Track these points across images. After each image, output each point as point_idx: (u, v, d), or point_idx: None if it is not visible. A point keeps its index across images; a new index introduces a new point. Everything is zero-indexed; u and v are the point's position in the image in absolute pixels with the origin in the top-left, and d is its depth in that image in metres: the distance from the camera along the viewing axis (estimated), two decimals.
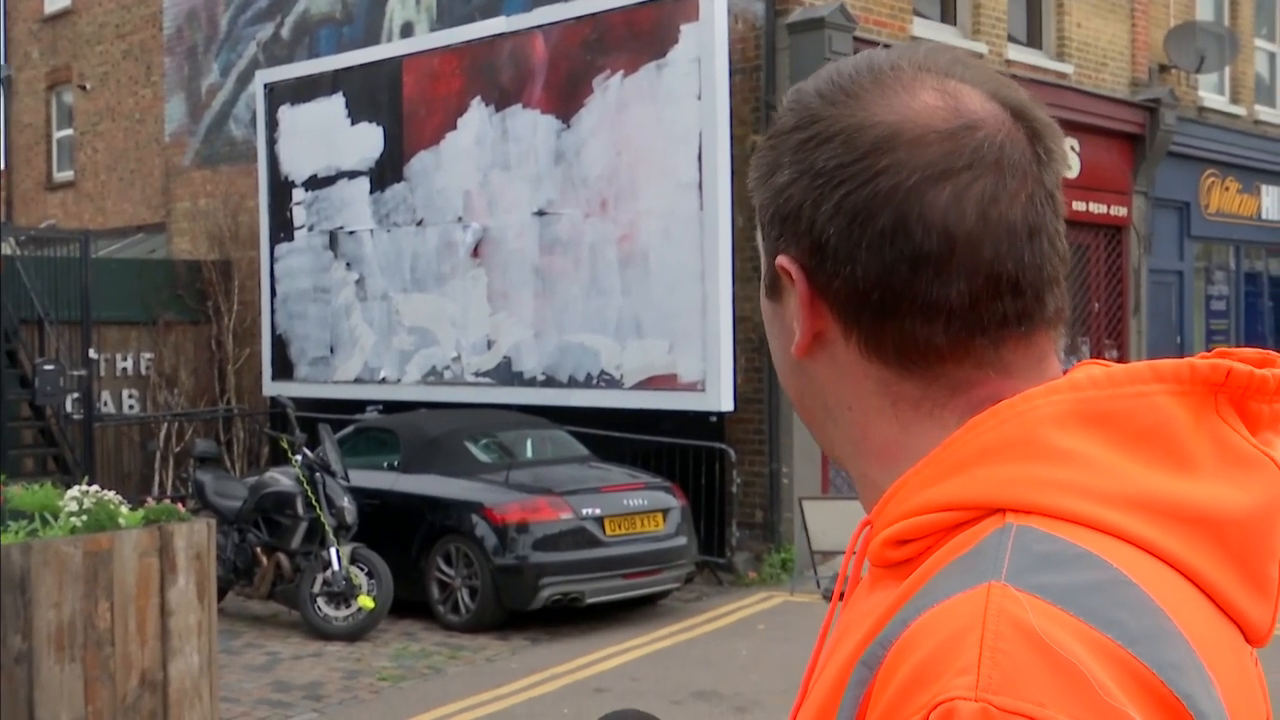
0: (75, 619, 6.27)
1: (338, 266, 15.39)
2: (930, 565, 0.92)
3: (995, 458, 0.93)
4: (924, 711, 0.81)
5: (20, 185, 24.34)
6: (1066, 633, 0.82)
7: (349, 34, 16.05)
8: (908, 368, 1.00)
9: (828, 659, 1.01)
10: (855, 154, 0.98)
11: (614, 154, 12.72)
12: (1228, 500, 0.93)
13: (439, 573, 10.39)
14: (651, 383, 12.49)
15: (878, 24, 12.81)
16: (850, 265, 0.99)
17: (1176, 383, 0.95)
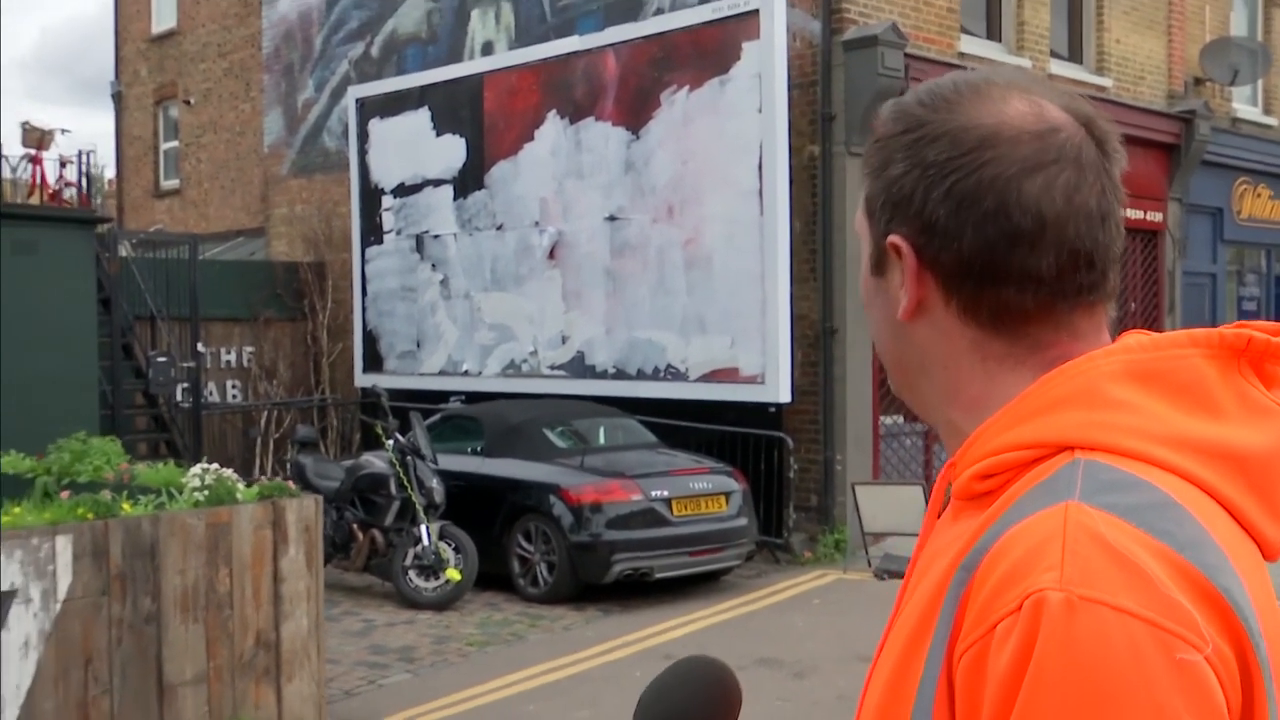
0: (198, 584, 6.44)
1: (423, 268, 15.55)
2: (1012, 493, 1.06)
3: (1065, 406, 1.08)
4: (1018, 601, 0.95)
5: (130, 193, 24.63)
6: (1130, 540, 0.97)
7: (434, 52, 16.21)
8: (998, 329, 1.16)
9: (921, 577, 1.15)
10: (962, 149, 1.13)
11: (680, 163, 12.80)
12: (1250, 441, 1.08)
13: (519, 549, 10.53)
14: (714, 376, 12.58)
15: (927, 40, 12.84)
16: (957, 241, 1.13)
17: (1208, 347, 1.11)
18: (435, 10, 16.34)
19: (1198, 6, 17.06)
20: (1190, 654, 0.93)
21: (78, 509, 6.25)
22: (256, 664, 6.69)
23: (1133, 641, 0.93)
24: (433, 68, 15.84)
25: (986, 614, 0.98)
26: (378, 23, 17.13)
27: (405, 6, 16.73)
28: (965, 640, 1.00)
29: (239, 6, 21.36)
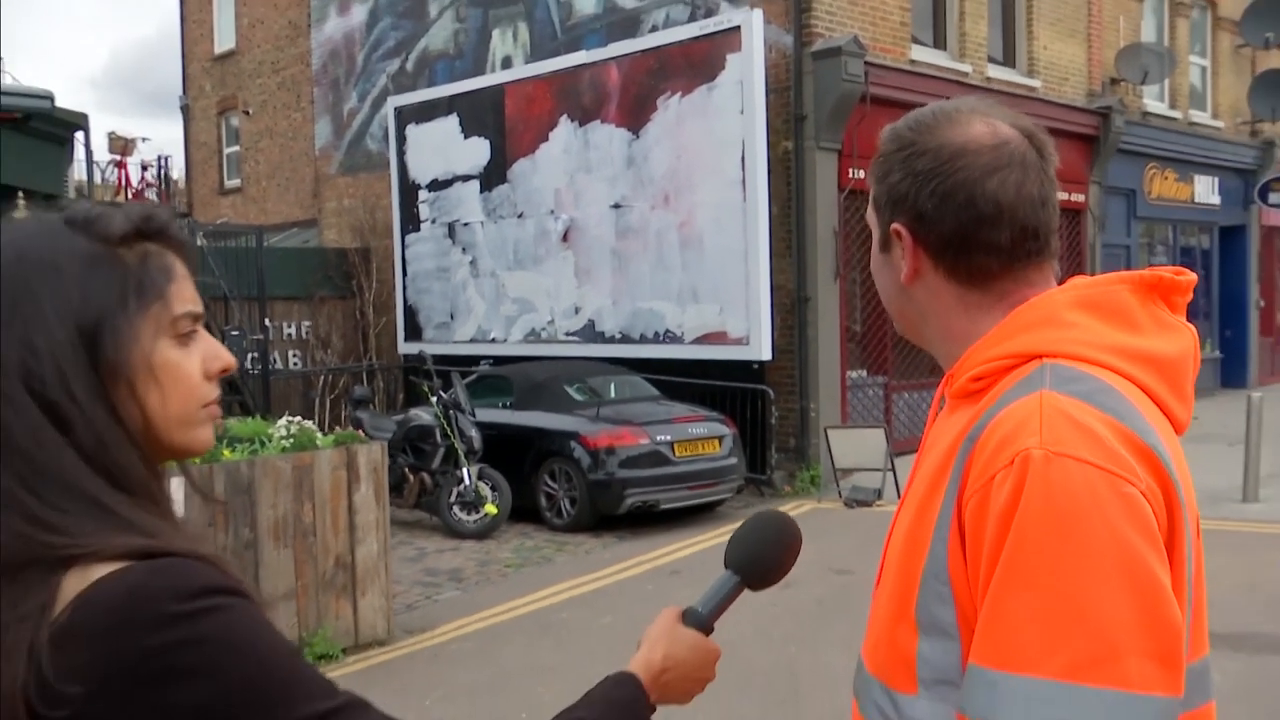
0: (287, 516, 6.70)
1: (455, 251, 15.67)
2: (998, 389, 1.31)
3: (1034, 328, 1.33)
4: (1010, 458, 1.19)
5: (198, 191, 24.62)
6: (1086, 414, 1.21)
7: (461, 66, 16.29)
8: (974, 285, 1.40)
9: (928, 454, 1.41)
10: (940, 161, 1.37)
11: (674, 158, 12.94)
12: (1164, 348, 1.34)
13: (546, 486, 10.73)
14: (706, 338, 12.76)
15: (883, 50, 12.97)
16: (941, 225, 1.37)
17: (1131, 283, 1.36)
18: (461, 30, 16.42)
19: (1113, 16, 17.18)
20: (1130, 489, 1.17)
21: None
22: (336, 582, 6.94)
23: (1090, 482, 1.16)
24: (460, 80, 15.92)
25: (987, 469, 1.23)
26: (412, 41, 17.21)
27: (435, 27, 16.80)
28: (971, 489, 1.24)
29: (290, 29, 21.37)
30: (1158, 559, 1.17)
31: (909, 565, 1.32)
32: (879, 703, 1.37)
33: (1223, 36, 19.93)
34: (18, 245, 1.10)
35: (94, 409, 1.06)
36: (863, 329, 13.48)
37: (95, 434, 1.05)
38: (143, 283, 1.11)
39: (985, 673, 1.18)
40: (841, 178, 12.61)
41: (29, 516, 1.01)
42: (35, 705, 0.94)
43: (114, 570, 0.99)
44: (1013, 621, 1.16)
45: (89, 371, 1.06)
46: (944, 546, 1.26)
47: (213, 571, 1.03)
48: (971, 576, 1.23)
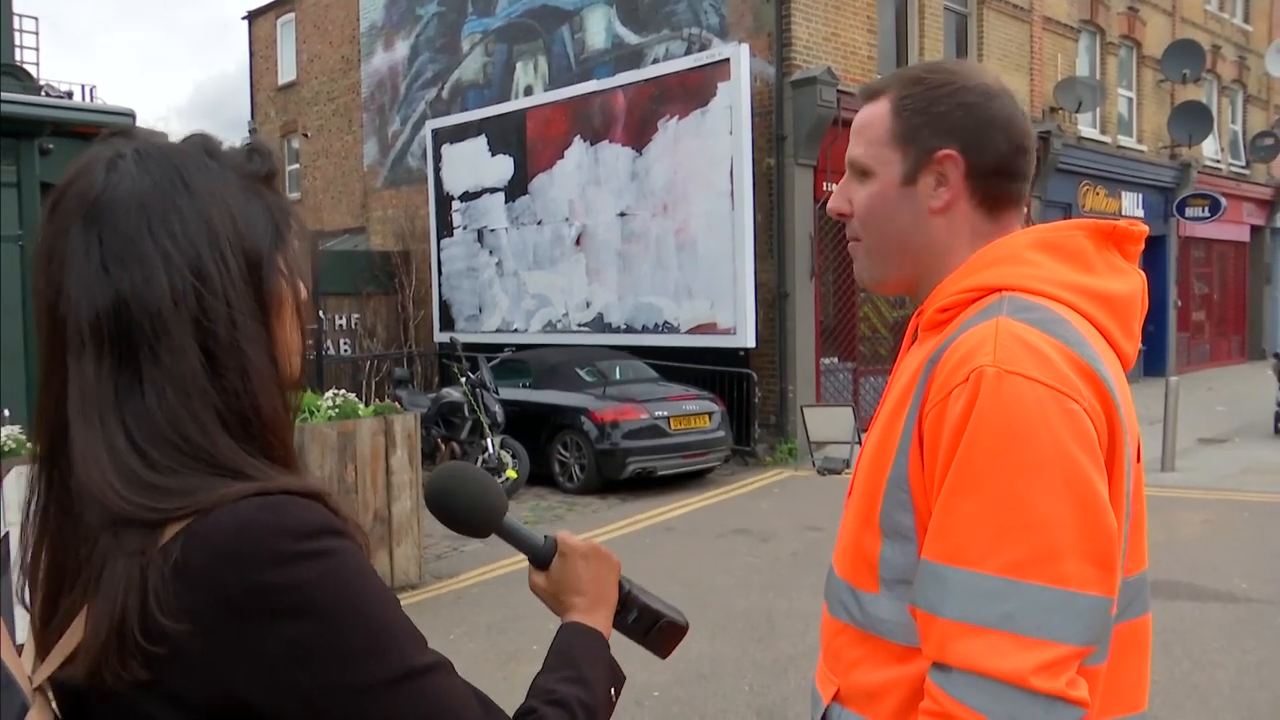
0: (332, 475, 6.62)
1: (483, 254, 15.61)
2: (961, 318, 1.24)
3: (997, 264, 1.27)
4: (966, 374, 1.14)
5: None
6: (1037, 338, 1.15)
7: (489, 94, 16.20)
8: (995, 216, 1.33)
9: (898, 378, 1.32)
10: (987, 96, 1.31)
11: (672, 173, 12.87)
12: (1115, 287, 1.27)
13: (559, 455, 10.66)
14: (699, 329, 12.69)
15: (853, 80, 12.82)
16: (992, 151, 1.30)
17: (1088, 230, 1.29)
18: (490, 63, 16.35)
19: (1052, 53, 17.09)
20: (1074, 406, 1.11)
21: None
22: (374, 533, 6.86)
23: (1038, 397, 1.10)
24: (488, 105, 15.85)
25: (945, 385, 1.16)
26: (447, 73, 17.13)
27: (467, 60, 16.73)
28: (931, 403, 1.18)
29: (343, 63, 21.33)
30: (1097, 471, 1.11)
31: (875, 478, 1.26)
32: (845, 601, 1.31)
33: (1146, 72, 19.83)
34: (177, 166, 0.91)
35: (257, 350, 0.90)
36: (834, 321, 13.42)
37: (249, 378, 0.89)
38: (279, 220, 0.96)
39: (935, 567, 1.12)
40: (816, 190, 12.53)
41: (132, 479, 0.84)
42: (138, 637, 0.81)
43: (226, 506, 0.83)
44: (961, 521, 1.10)
45: (255, 307, 0.91)
46: (905, 457, 1.20)
47: (324, 512, 0.87)
48: (928, 483, 1.17)
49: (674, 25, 13.60)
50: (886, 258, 1.36)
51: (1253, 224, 23.49)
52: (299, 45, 22.98)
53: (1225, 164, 22.20)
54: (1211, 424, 13.10)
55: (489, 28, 16.30)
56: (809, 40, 12.55)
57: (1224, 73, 22.51)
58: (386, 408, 7.28)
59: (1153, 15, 19.96)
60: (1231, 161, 22.59)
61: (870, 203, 1.35)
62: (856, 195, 1.37)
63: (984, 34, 15.54)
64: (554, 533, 1.30)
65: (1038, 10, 16.63)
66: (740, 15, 12.85)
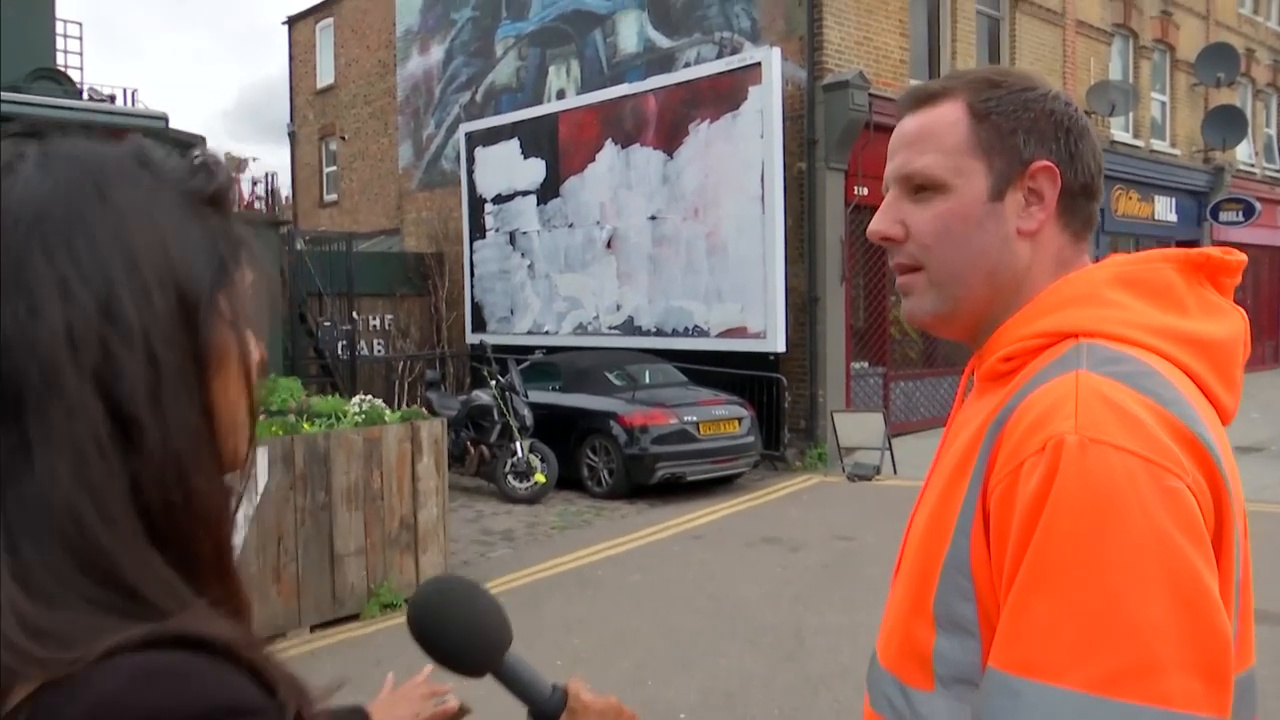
0: (358, 482, 6.46)
1: (515, 256, 15.46)
2: (1031, 368, 1.02)
3: (1071, 305, 1.04)
4: (1042, 443, 0.91)
5: (302, 204, 24.62)
6: (1126, 397, 0.93)
7: (522, 97, 16.05)
8: (1078, 239, 1.12)
9: (954, 438, 1.10)
10: (1072, 107, 1.12)
11: (703, 176, 12.64)
12: (1210, 331, 1.03)
13: (588, 459, 10.46)
14: (729, 333, 12.46)
15: (884, 84, 12.58)
16: (1084, 167, 1.11)
17: (1176, 262, 1.06)
18: (523, 67, 16.19)
19: (1085, 57, 16.69)
20: (1175, 482, 0.89)
21: (271, 428, 6.26)
22: (400, 540, 6.71)
23: (1130, 472, 0.89)
24: (521, 109, 15.69)
25: (1016, 454, 0.94)
26: (481, 77, 16.98)
27: (501, 64, 16.58)
28: (998, 475, 0.96)
29: (379, 67, 21.27)
30: (1204, 561, 0.89)
31: (929, 556, 1.04)
32: (890, 697, 1.10)
33: (1180, 76, 19.35)
34: (93, 173, 0.68)
35: (186, 417, 0.66)
36: (865, 325, 13.14)
37: (174, 454, 0.65)
38: (227, 252, 0.72)
39: (1006, 679, 0.91)
40: (848, 194, 12.25)
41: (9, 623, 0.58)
42: None
43: (88, 672, 0.57)
44: (1039, 624, 0.89)
45: (187, 361, 0.67)
46: (967, 537, 0.99)
47: (227, 680, 0.61)
48: (995, 571, 0.96)
49: (705, 29, 13.36)
50: (961, 289, 1.11)
51: None
52: (337, 49, 22.96)
53: (1260, 168, 21.66)
54: (1247, 431, 12.69)
55: (522, 32, 16.14)
56: (840, 44, 12.28)
57: (1259, 76, 21.95)
58: (413, 413, 7.09)
59: (1186, 19, 19.48)
60: (1266, 165, 22.04)
61: (943, 221, 1.11)
62: (916, 215, 1.13)
63: (1016, 38, 15.18)
64: (564, 682, 1.03)
65: (1070, 14, 16.24)
66: (772, 19, 12.59)
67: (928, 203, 1.12)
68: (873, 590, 6.62)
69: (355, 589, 6.44)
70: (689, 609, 6.41)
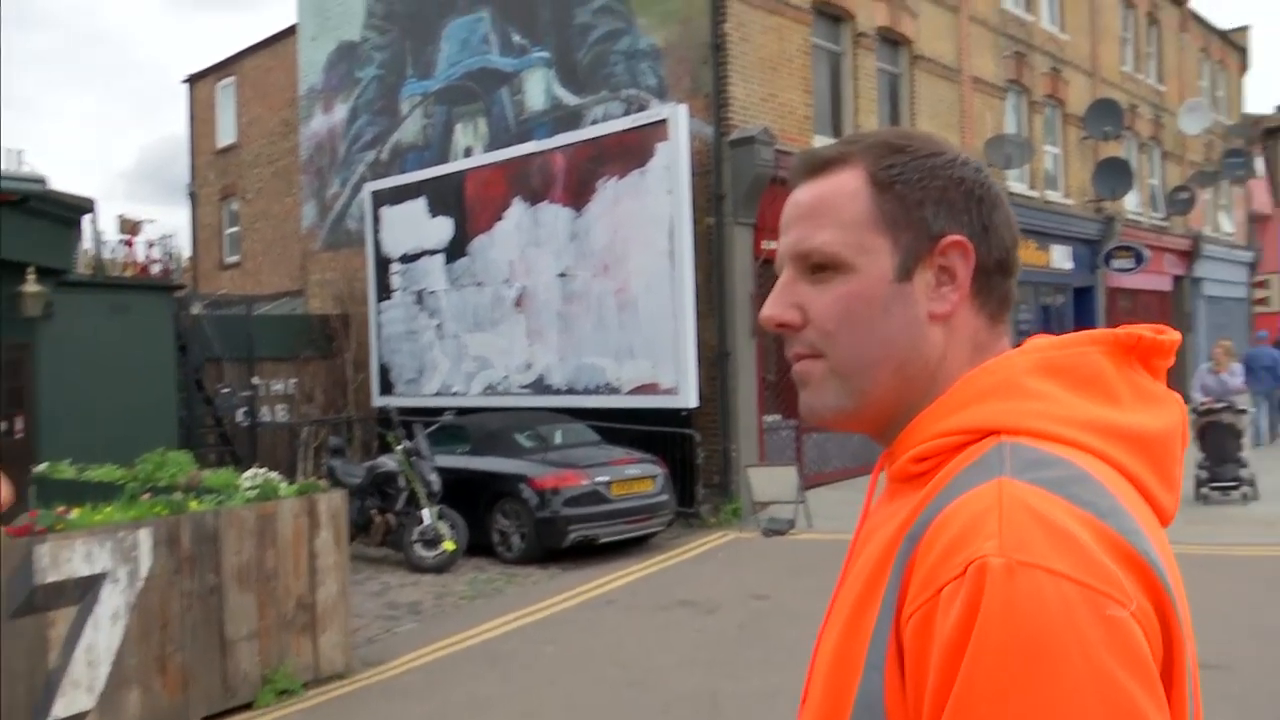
0: (251, 561, 6.13)
1: (423, 316, 15.19)
2: (947, 472, 0.89)
3: (989, 397, 0.91)
4: (962, 566, 0.78)
5: (202, 266, 23.97)
6: (1057, 509, 0.80)
7: (428, 155, 15.87)
8: (996, 320, 1.00)
9: (862, 550, 0.97)
10: (982, 170, 1.00)
11: (612, 233, 12.58)
12: (1146, 424, 0.91)
13: (498, 524, 10.18)
14: (641, 389, 12.34)
15: (790, 140, 12.73)
16: (999, 241, 0.99)
17: (1105, 345, 0.94)
18: (429, 125, 16.03)
19: (981, 112, 17.18)
20: (1118, 610, 0.77)
21: (156, 507, 5.92)
22: (297, 621, 6.37)
23: (1066, 601, 0.76)
24: (428, 167, 15.49)
25: (932, 579, 0.81)
26: (386, 135, 16.77)
27: (407, 122, 16.40)
28: (913, 604, 0.83)
29: (282, 126, 20.95)
30: (1154, 704, 0.77)
31: (838, 691, 0.89)
32: None
33: (1070, 130, 20.05)
34: None
35: None
36: (776, 379, 13.15)
37: None
38: None
39: None
40: (756, 249, 12.31)
41: None
42: None
43: None
44: None
45: None
46: (879, 673, 0.86)
47: None
48: (913, 715, 0.83)
49: (613, 86, 13.40)
50: (867, 381, 0.98)
51: (1174, 274, 23.82)
52: (239, 108, 22.58)
53: (1147, 217, 22.51)
54: None
55: (428, 90, 16.01)
56: (746, 100, 12.40)
57: (1142, 130, 22.90)
58: (310, 485, 6.77)
59: (1074, 75, 20.25)
60: (1152, 214, 22.92)
61: (845, 305, 0.98)
62: (815, 299, 0.99)
63: (916, 94, 15.55)
64: None
65: (966, 71, 16.73)
66: (678, 76, 12.68)
67: (827, 284, 0.98)
68: (790, 652, 6.47)
69: (248, 676, 6.07)
70: (601, 681, 6.18)
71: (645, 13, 13.03)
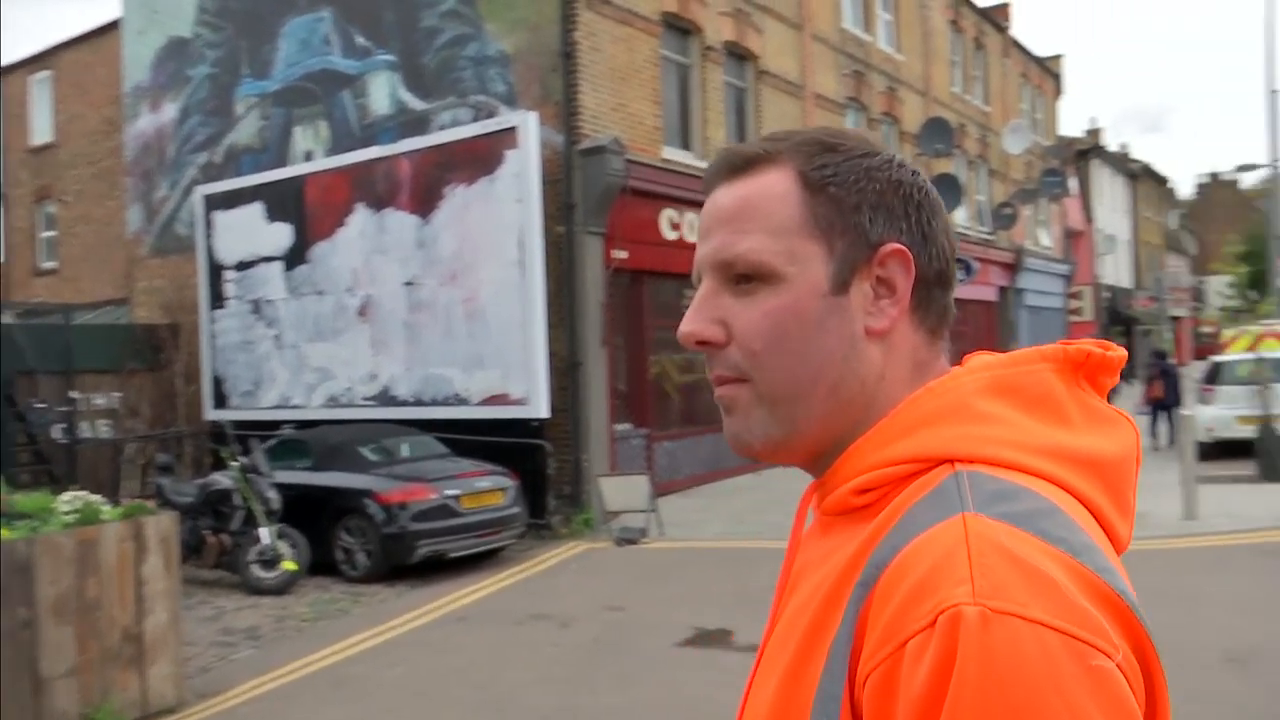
0: (69, 592, 5.64)
1: (259, 325, 14.53)
2: (896, 506, 0.79)
3: (938, 421, 0.82)
4: (930, 616, 0.69)
5: (13, 274, 22.30)
6: (1031, 548, 0.71)
7: (265, 158, 15.19)
8: (935, 336, 0.90)
9: (794, 591, 0.87)
10: (918, 177, 0.90)
11: (460, 241, 12.31)
12: (1103, 448, 0.84)
13: (342, 541, 9.76)
14: (491, 400, 12.12)
15: (640, 149, 12.76)
16: (939, 251, 0.89)
17: (1055, 362, 0.86)
18: (266, 127, 15.36)
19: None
20: (1103, 661, 0.69)
21: None
22: (123, 654, 5.90)
23: (1048, 653, 0.67)
24: (265, 170, 14.82)
25: (894, 631, 0.71)
26: (220, 137, 15.98)
27: (242, 124, 15.67)
28: (871, 659, 0.72)
29: (104, 125, 19.74)
30: None
31: None
32: None
33: (906, 146, 20.83)
34: None
35: None
36: (627, 388, 13.14)
37: None
38: None
39: None
40: (606, 258, 12.26)
41: None
42: None
43: None
44: None
45: None
46: None
47: None
48: None
49: (460, 92, 13.13)
50: (799, 406, 0.87)
51: (999, 285, 25.10)
52: (56, 105, 21.21)
53: (975, 230, 23.61)
54: None
55: (265, 91, 15.35)
56: (596, 110, 12.35)
57: (970, 148, 24.04)
58: (136, 508, 6.30)
59: (909, 95, 21.07)
60: (980, 228, 24.07)
61: (774, 322, 0.87)
62: (741, 313, 0.88)
63: (761, 108, 15.84)
64: None
65: (809, 87, 17.16)
66: (527, 84, 12.52)
67: (753, 297, 0.87)
68: (646, 664, 6.40)
69: (66, 715, 5.58)
70: (455, 703, 5.96)
71: (494, 18, 12.83)
